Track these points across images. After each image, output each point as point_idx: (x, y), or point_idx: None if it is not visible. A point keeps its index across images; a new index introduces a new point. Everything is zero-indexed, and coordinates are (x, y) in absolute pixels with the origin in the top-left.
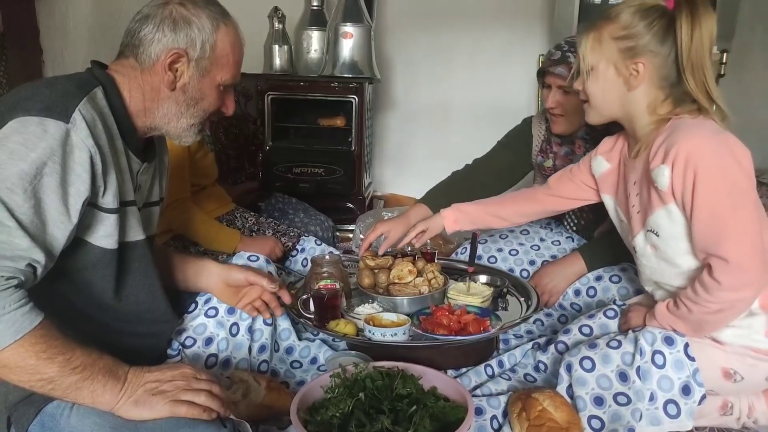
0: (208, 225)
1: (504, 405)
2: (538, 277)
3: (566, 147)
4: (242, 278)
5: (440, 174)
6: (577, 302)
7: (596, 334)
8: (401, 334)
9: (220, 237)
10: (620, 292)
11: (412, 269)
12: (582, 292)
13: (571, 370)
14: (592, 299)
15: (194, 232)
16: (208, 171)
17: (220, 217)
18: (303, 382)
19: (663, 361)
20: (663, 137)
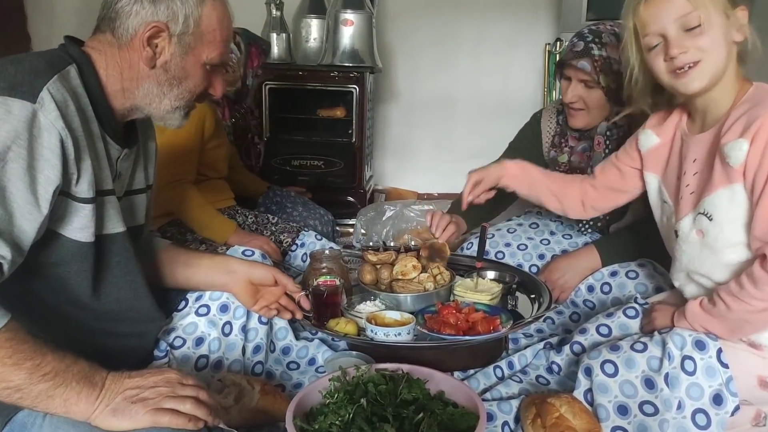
0: (203, 210)
1: (516, 410)
2: (548, 272)
3: (584, 143)
4: (269, 276)
5: (443, 167)
6: (590, 299)
7: (615, 335)
8: (405, 333)
9: (214, 225)
10: (638, 289)
11: (416, 264)
12: (596, 289)
13: (591, 375)
14: (606, 296)
15: (188, 215)
16: (218, 165)
17: (221, 211)
18: (300, 385)
19: (693, 368)
20: (743, 109)
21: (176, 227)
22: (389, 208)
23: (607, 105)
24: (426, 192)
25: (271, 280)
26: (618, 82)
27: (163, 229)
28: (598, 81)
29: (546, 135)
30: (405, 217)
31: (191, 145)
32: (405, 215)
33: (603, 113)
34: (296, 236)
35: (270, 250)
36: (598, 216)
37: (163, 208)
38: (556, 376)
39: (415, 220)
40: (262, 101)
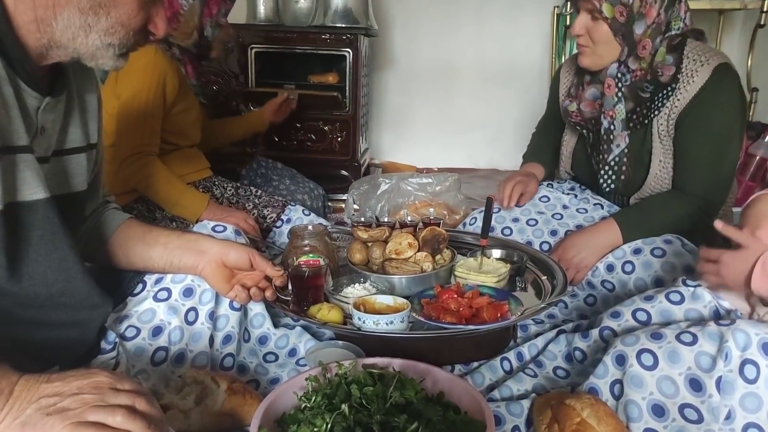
0: (170, 185)
1: (527, 411)
2: (561, 249)
3: (593, 87)
4: (245, 258)
5: (444, 140)
6: (609, 279)
7: (656, 322)
8: (398, 322)
9: (184, 200)
10: (664, 268)
11: (412, 242)
12: (616, 268)
13: (623, 364)
14: (628, 276)
15: (154, 191)
16: (188, 131)
17: (195, 184)
18: (277, 381)
19: (755, 375)
20: None
21: (144, 204)
22: (384, 181)
23: (615, 43)
24: (425, 166)
25: (248, 262)
26: (627, 16)
27: (129, 206)
28: (601, 11)
29: (563, 86)
30: (402, 190)
31: (152, 111)
32: (402, 189)
33: (611, 52)
34: (282, 211)
35: (247, 227)
36: (614, 186)
37: (126, 184)
38: (577, 365)
39: (412, 194)
40: (248, 66)
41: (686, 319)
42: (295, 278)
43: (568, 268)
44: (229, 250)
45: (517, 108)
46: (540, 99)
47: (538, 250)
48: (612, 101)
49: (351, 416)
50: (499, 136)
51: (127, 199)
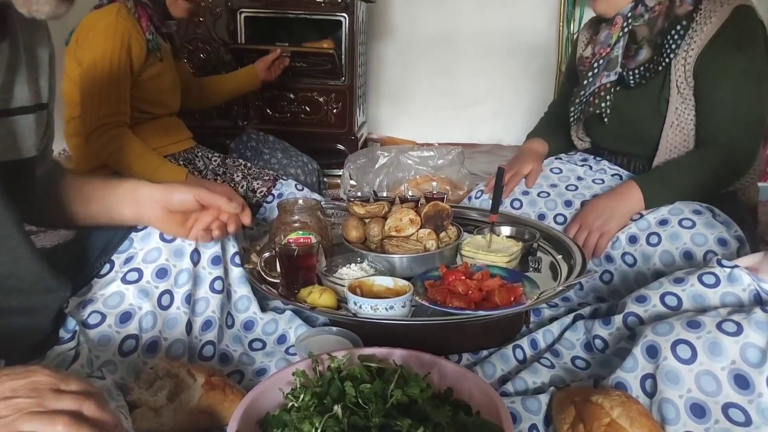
0: (143, 159)
1: (546, 407)
2: (582, 215)
3: (607, 30)
4: (189, 199)
5: (444, 114)
6: (631, 252)
7: (687, 309)
8: (399, 306)
9: (160, 175)
10: (695, 241)
11: (414, 218)
12: (639, 239)
13: (656, 357)
14: (653, 249)
15: (126, 166)
16: (164, 98)
17: (175, 156)
18: (264, 371)
19: None
20: None
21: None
22: (383, 154)
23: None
24: (425, 141)
25: (193, 204)
26: None
27: None
28: None
29: (581, 45)
30: (402, 164)
31: (118, 77)
32: (402, 163)
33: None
34: (273, 185)
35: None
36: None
37: (95, 158)
38: (598, 354)
39: (413, 168)
40: (237, 32)
41: (722, 304)
42: (283, 258)
43: (589, 232)
44: (170, 194)
45: (520, 80)
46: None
47: (551, 227)
48: (609, 40)
49: (345, 419)
50: (502, 110)
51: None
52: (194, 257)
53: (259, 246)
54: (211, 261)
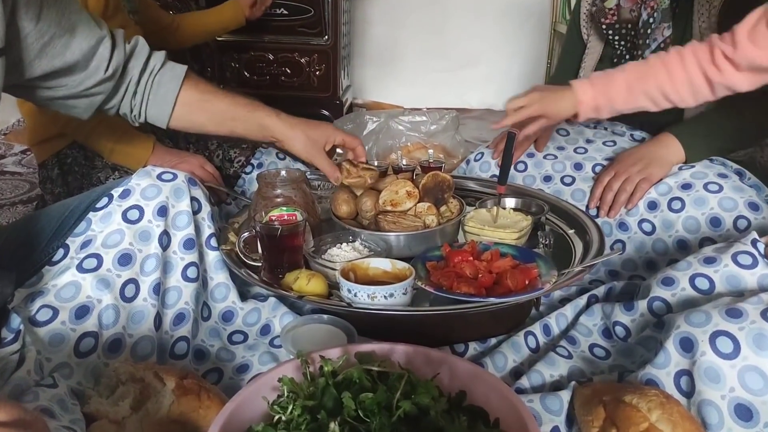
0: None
1: (567, 405)
2: (617, 162)
3: None
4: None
5: (433, 77)
6: (650, 219)
7: (721, 292)
8: (400, 294)
9: (123, 144)
10: (723, 205)
11: (411, 191)
12: (660, 205)
13: (692, 351)
14: (676, 215)
15: (85, 135)
16: None
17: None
18: (246, 368)
19: None
20: None
21: (80, 150)
22: (372, 120)
23: None
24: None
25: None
26: None
27: (63, 154)
28: None
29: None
30: (392, 131)
31: None
32: (392, 129)
33: None
34: (251, 154)
35: (204, 174)
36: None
37: (50, 126)
38: (618, 342)
39: (404, 134)
40: None
41: (760, 287)
42: (265, 238)
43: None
44: None
45: (513, 43)
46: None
47: (559, 199)
48: None
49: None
50: (494, 73)
51: (60, 145)
52: (163, 241)
53: (237, 224)
54: (183, 245)
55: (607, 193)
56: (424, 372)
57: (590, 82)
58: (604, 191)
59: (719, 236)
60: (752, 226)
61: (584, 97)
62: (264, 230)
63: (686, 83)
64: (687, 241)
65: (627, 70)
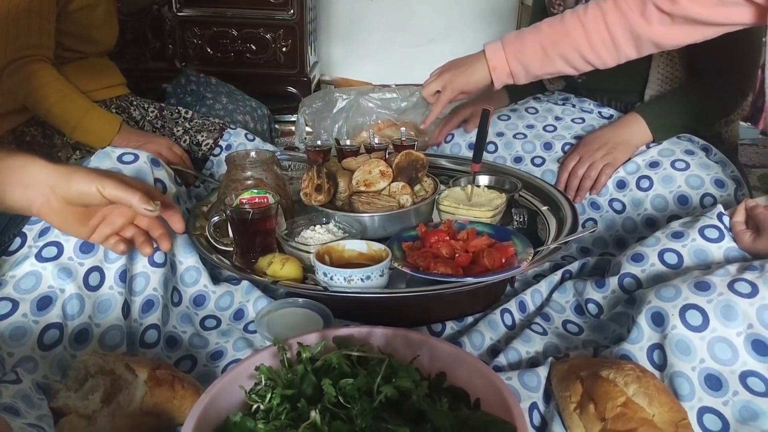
0: (68, 101)
1: (545, 381)
2: (582, 146)
3: None
4: (92, 191)
5: (402, 53)
6: (619, 198)
7: (689, 266)
8: (377, 276)
9: (88, 122)
10: (690, 183)
11: (385, 170)
12: (629, 184)
13: (663, 325)
14: (644, 193)
15: (46, 110)
16: (96, 34)
17: (106, 103)
18: (220, 354)
19: None
20: None
21: (39, 128)
22: (341, 97)
23: None
24: (382, 83)
25: (97, 196)
26: None
27: (20, 131)
28: None
29: None
30: (362, 108)
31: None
32: (362, 106)
33: None
34: (219, 136)
35: (172, 155)
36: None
37: (9, 100)
38: (590, 319)
39: (374, 112)
40: None
41: (726, 260)
42: (236, 222)
43: (592, 162)
44: (69, 180)
45: (481, 17)
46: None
47: (531, 175)
48: None
49: (325, 427)
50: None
51: (18, 121)
52: None
53: (206, 207)
54: None
55: (573, 179)
56: (404, 354)
57: (502, 45)
58: (569, 177)
59: (686, 214)
60: (717, 202)
61: (496, 62)
62: (235, 214)
63: (606, 41)
64: (655, 219)
65: (542, 30)
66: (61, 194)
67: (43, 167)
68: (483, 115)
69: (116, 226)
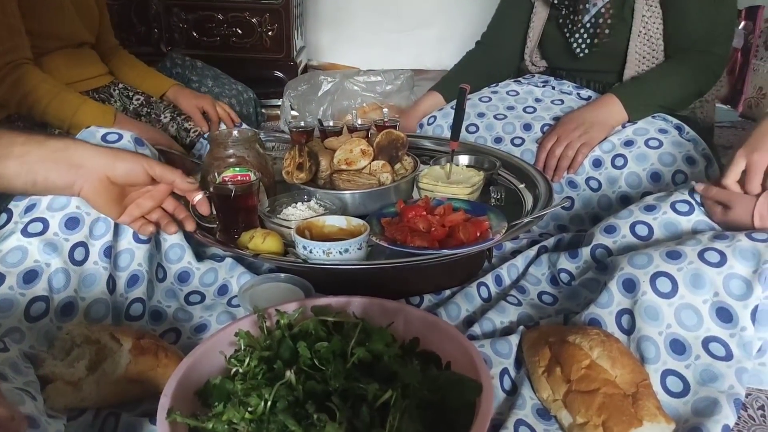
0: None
1: (515, 348)
2: (559, 126)
3: None
4: (139, 169)
5: (389, 38)
6: (595, 176)
7: (658, 238)
8: (355, 249)
9: (82, 116)
10: (663, 160)
11: (366, 149)
12: (604, 162)
13: (634, 291)
14: (619, 171)
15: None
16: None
17: (91, 93)
18: (205, 328)
19: None
20: None
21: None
22: (326, 80)
23: None
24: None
25: (143, 175)
26: None
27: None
28: None
29: None
30: (347, 91)
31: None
32: (347, 89)
33: None
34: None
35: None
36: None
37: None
38: (564, 288)
39: (359, 95)
40: None
41: (694, 232)
42: (219, 199)
43: (568, 143)
44: (115, 160)
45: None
46: None
47: (512, 155)
48: None
49: (300, 386)
50: (448, 34)
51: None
52: None
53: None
54: None
55: (551, 159)
56: (380, 322)
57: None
58: (547, 157)
59: (658, 190)
60: (689, 181)
61: None
62: (217, 191)
63: None
64: (629, 196)
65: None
66: (108, 174)
67: (89, 148)
68: (460, 93)
69: (145, 209)
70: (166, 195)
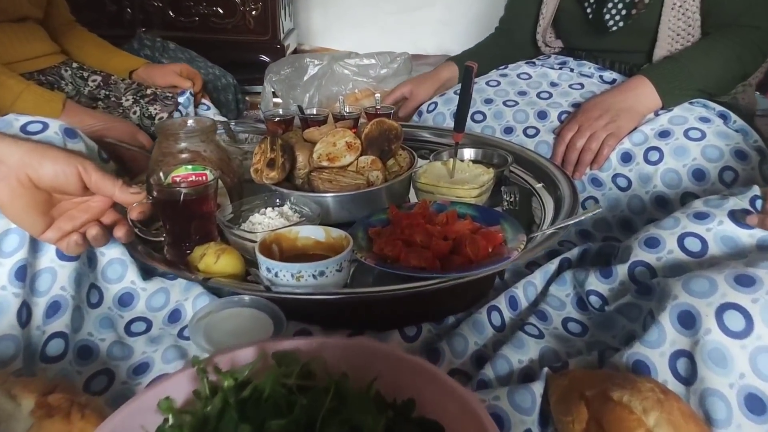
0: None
1: (540, 399)
2: (581, 114)
3: None
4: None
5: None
6: (624, 174)
7: (714, 255)
8: (333, 271)
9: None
10: (707, 155)
11: (352, 142)
12: (635, 157)
13: (694, 327)
14: (653, 167)
15: None
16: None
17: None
18: (147, 367)
19: None
20: None
21: None
22: (313, 63)
23: None
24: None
25: (75, 181)
26: None
27: None
28: None
29: None
30: (337, 75)
31: None
32: (337, 73)
33: None
34: (175, 108)
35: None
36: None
37: None
38: (595, 314)
39: (351, 79)
40: None
41: (759, 247)
42: (165, 205)
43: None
44: (42, 158)
45: None
46: None
47: (523, 148)
48: None
49: None
50: (449, 16)
51: None
52: None
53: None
54: None
55: (571, 152)
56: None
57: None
58: (567, 150)
59: (703, 191)
60: (740, 179)
61: None
62: (163, 195)
63: None
64: (667, 198)
65: None
66: (31, 174)
67: (7, 141)
68: (465, 73)
69: (77, 223)
70: (106, 208)
